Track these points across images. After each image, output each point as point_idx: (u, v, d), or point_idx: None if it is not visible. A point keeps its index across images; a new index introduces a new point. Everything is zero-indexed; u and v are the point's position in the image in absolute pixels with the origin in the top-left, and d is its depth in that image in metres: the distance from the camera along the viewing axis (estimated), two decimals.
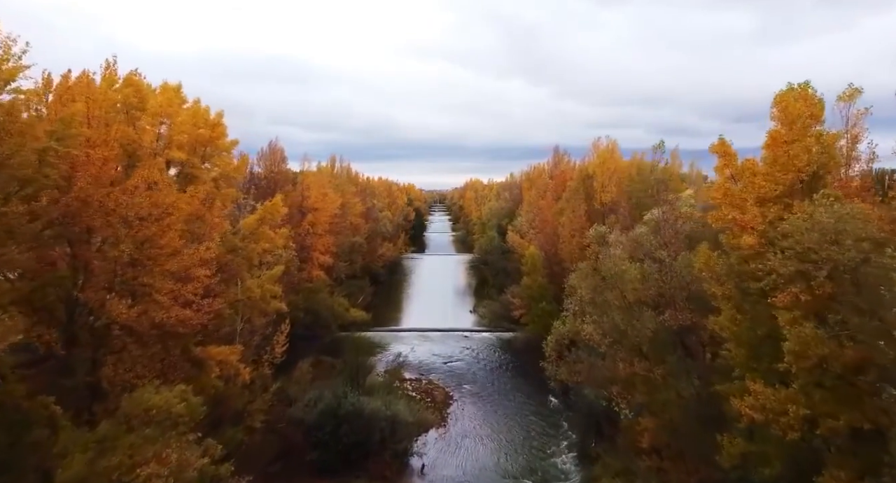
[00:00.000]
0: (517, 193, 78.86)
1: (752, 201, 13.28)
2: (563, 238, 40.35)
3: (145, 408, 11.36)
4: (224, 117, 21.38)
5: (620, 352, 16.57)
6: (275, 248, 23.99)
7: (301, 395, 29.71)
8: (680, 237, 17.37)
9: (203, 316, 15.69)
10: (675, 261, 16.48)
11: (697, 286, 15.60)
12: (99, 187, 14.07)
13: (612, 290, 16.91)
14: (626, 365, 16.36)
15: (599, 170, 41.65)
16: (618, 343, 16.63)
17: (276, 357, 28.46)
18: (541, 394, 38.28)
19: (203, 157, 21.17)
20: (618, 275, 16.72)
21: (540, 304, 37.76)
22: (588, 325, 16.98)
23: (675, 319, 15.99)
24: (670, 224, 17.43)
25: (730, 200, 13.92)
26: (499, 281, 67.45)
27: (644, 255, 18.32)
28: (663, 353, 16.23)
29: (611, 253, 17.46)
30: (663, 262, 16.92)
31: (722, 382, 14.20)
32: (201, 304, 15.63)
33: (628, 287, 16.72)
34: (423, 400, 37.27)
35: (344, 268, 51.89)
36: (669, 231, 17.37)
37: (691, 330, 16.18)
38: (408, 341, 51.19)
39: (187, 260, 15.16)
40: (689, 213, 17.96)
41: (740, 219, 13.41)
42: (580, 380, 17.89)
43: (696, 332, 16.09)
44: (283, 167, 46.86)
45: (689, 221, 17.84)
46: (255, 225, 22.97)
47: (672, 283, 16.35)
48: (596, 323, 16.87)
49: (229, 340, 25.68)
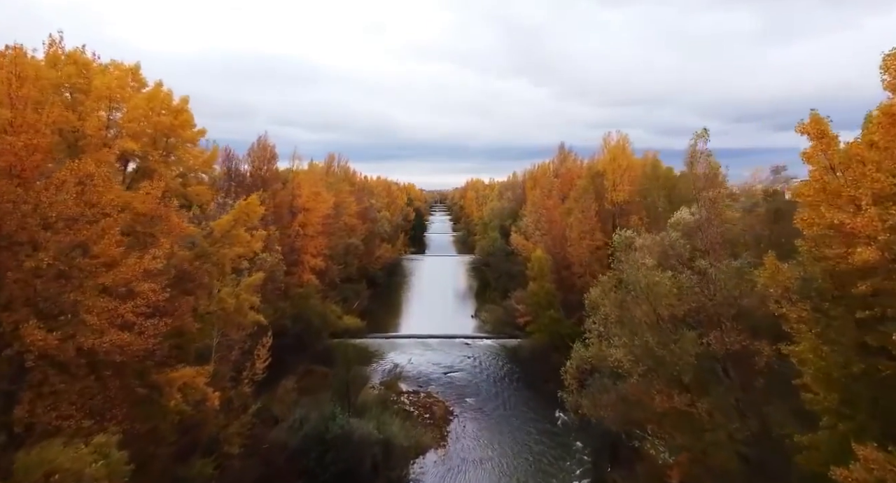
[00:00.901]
0: (520, 193, 76.18)
1: (867, 200, 10.10)
2: (572, 240, 37.56)
3: (47, 471, 8.57)
4: (189, 103, 18.56)
5: (656, 382, 13.76)
6: (250, 253, 21.13)
7: (286, 415, 26.93)
8: (724, 243, 14.58)
9: (147, 340, 12.89)
10: (720, 271, 13.67)
11: (750, 301, 12.86)
12: (13, 181, 11.30)
13: (641, 305, 14.11)
14: (662, 397, 13.55)
15: (610, 167, 38.85)
16: (653, 371, 13.83)
17: (256, 374, 25.67)
18: (548, 408, 35.45)
19: (165, 149, 18.36)
20: (649, 288, 13.92)
21: (548, 312, 34.93)
22: (616, 350, 14.17)
23: (720, 343, 13.21)
24: (715, 226, 14.54)
25: (829, 198, 10.82)
26: (501, 284, 64.91)
27: (677, 264, 15.53)
28: (707, 383, 13.45)
29: (637, 260, 14.65)
30: (705, 272, 14.12)
31: (791, 426, 11.36)
32: (145, 325, 12.82)
33: (661, 302, 13.94)
34: (422, 416, 34.47)
35: (338, 271, 49.07)
36: (712, 235, 14.52)
37: (741, 356, 13.38)
38: (406, 349, 48.38)
39: (128, 271, 12.37)
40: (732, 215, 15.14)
41: (849, 223, 10.21)
42: (607, 415, 15.11)
43: (748, 358, 13.29)
44: (273, 165, 43.95)
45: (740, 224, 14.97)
46: (229, 227, 20.14)
47: (716, 299, 13.56)
48: (625, 347, 14.04)
49: (203, 358, 22.94)
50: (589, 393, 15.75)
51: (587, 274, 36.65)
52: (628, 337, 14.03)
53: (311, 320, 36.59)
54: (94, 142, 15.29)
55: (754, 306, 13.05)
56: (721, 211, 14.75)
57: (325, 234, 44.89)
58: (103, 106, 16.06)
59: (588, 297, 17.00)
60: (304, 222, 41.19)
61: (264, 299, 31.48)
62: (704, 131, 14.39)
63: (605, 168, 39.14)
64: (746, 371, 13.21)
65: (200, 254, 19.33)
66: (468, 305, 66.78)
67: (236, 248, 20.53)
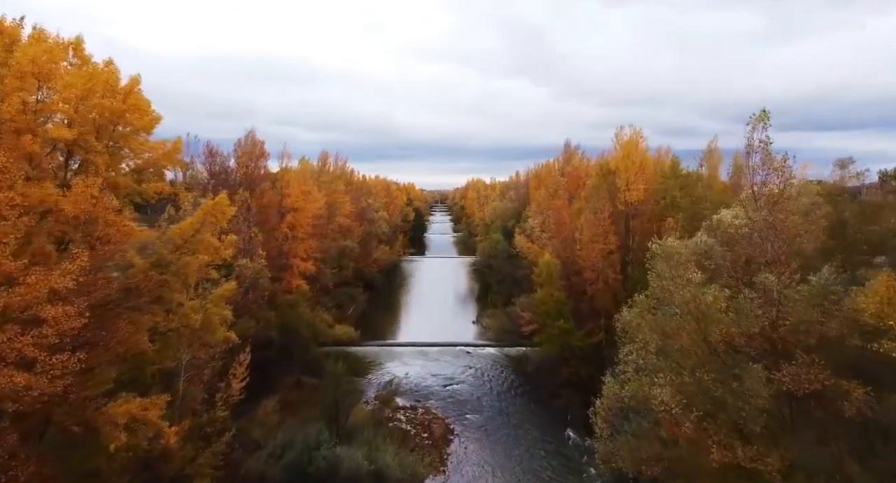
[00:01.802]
0: (523, 193, 73.43)
1: None
2: (582, 243, 34.67)
3: None
4: (140, 84, 15.64)
5: (712, 429, 10.84)
6: (219, 260, 18.25)
7: (267, 440, 24.03)
8: (791, 253, 11.68)
9: (56, 382, 9.96)
10: (795, 290, 10.75)
11: (832, 328, 10.01)
12: None
13: (688, 330, 11.23)
14: (721, 450, 10.66)
15: (623, 164, 35.96)
16: (709, 417, 10.93)
17: (232, 395, 22.81)
18: (558, 426, 32.58)
19: (112, 139, 15.46)
20: (698, 309, 11.00)
21: (557, 322, 31.99)
22: (662, 389, 11.21)
23: (796, 381, 10.33)
24: (779, 232, 11.58)
25: None
26: (504, 288, 62.19)
27: (729, 279, 12.63)
28: (779, 433, 10.59)
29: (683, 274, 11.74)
30: (768, 290, 11.21)
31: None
32: (51, 363, 9.90)
33: (713, 328, 11.05)
34: (419, 435, 31.59)
35: (332, 275, 46.16)
36: (776, 243, 11.59)
37: (822, 399, 10.49)
38: (403, 358, 45.52)
39: (28, 292, 9.50)
40: (794, 219, 12.23)
41: None
42: (650, 470, 12.18)
43: (832, 402, 10.42)
44: (262, 162, 40.99)
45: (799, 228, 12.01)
46: (193, 230, 17.22)
47: (787, 324, 10.66)
48: (672, 385, 11.09)
49: (171, 381, 20.07)
50: (626, 442, 12.86)
51: (599, 280, 33.78)
52: (674, 371, 11.14)
53: (299, 330, 33.67)
54: (11, 128, 12.41)
55: (841, 335, 10.21)
56: (790, 213, 11.86)
57: (317, 236, 42.02)
58: (28, 84, 13.17)
59: (619, 318, 14.08)
60: (294, 223, 38.31)
61: (246, 310, 28.64)
62: (764, 113, 11.54)
63: (617, 165, 36.26)
64: (830, 419, 10.37)
65: (157, 263, 16.42)
66: (469, 310, 63.94)
67: (202, 255, 17.61)
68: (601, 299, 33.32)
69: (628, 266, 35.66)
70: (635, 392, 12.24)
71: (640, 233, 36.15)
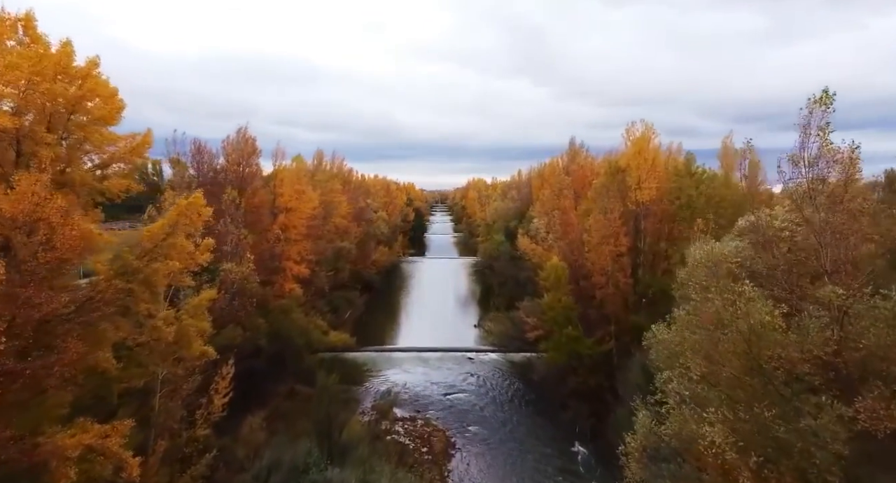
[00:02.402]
0: (526, 192, 71.53)
1: None
2: (591, 245, 32.75)
3: None
4: (99, 67, 13.75)
5: (774, 475, 8.92)
6: (193, 266, 16.38)
7: (252, 461, 22.13)
8: (854, 263, 9.81)
9: None
10: (865, 305, 8.88)
11: None
12: None
13: (738, 354, 9.28)
14: None
15: (634, 161, 34.02)
16: (770, 463, 9.03)
17: (213, 413, 20.92)
18: (565, 440, 30.73)
19: (66, 130, 13.58)
20: (751, 330, 9.07)
21: (565, 329, 30.09)
22: (711, 428, 9.21)
23: (874, 418, 8.47)
24: (844, 237, 9.67)
25: None
26: (507, 290, 60.27)
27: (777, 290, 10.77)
28: (856, 481, 8.75)
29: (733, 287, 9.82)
30: (833, 307, 9.30)
31: None
32: None
33: (767, 352, 9.14)
34: (419, 450, 29.75)
35: (327, 278, 44.28)
36: (840, 250, 9.71)
37: None
38: (402, 364, 43.70)
39: None
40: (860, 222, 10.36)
41: None
42: None
43: None
44: (253, 160, 38.97)
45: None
46: (164, 234, 15.34)
47: (865, 349, 8.74)
48: (725, 423, 9.09)
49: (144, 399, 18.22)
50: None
51: (609, 284, 31.86)
52: (727, 405, 9.15)
53: (292, 338, 31.78)
54: None
55: None
56: (857, 213, 9.98)
57: (312, 238, 40.12)
58: None
59: (650, 339, 12.06)
60: (287, 224, 36.42)
61: (232, 318, 26.75)
62: (826, 95, 9.65)
63: (628, 163, 34.32)
64: None
65: (122, 270, 14.52)
66: (470, 313, 62.09)
67: (174, 261, 15.71)
68: (611, 305, 31.44)
69: (639, 269, 33.78)
70: (679, 429, 10.32)
71: (651, 234, 34.31)
